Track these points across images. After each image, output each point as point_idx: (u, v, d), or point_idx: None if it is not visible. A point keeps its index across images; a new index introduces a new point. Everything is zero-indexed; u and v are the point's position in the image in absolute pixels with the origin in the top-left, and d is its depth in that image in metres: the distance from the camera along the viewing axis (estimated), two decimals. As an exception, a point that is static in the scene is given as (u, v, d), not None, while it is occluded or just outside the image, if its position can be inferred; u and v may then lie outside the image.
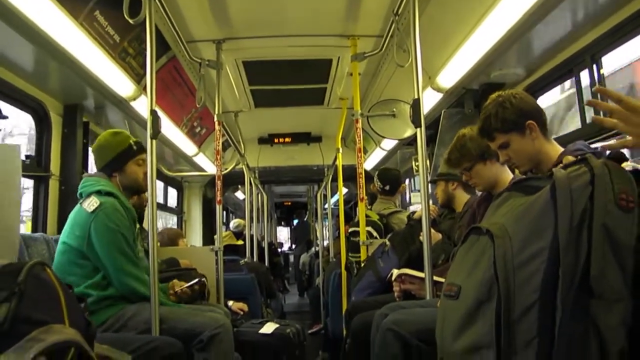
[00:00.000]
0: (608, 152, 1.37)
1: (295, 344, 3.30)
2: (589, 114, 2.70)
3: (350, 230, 3.84)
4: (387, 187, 4.08)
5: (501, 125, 1.93)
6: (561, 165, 1.32)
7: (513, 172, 2.42)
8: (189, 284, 2.60)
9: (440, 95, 3.61)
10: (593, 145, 2.17)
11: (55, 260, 2.32)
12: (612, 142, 1.35)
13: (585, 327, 1.12)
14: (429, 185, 2.81)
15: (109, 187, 2.38)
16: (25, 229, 3.53)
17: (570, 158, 1.37)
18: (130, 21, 2.18)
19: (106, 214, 2.25)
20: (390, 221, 3.87)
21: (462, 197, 2.95)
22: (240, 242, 5.66)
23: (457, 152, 2.46)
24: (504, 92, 1.98)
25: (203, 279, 2.73)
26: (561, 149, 1.89)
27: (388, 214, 3.93)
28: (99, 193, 2.33)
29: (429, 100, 3.69)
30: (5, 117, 2.83)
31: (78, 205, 2.35)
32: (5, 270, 1.24)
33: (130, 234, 2.33)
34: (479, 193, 2.74)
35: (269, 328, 3.29)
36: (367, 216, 3.75)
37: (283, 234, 19.33)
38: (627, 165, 1.26)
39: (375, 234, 3.64)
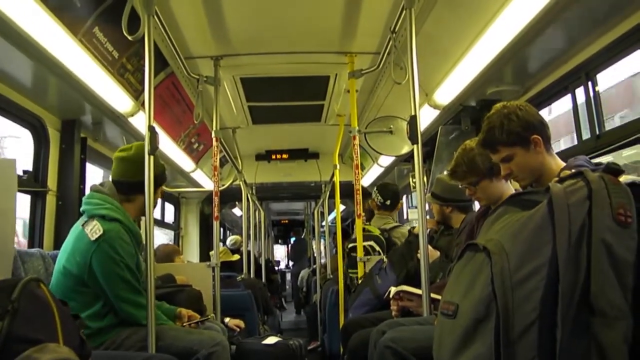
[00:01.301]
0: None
1: (297, 356, 3.31)
2: (585, 130, 2.71)
3: (349, 245, 3.82)
4: (388, 202, 4.01)
5: (506, 138, 1.86)
6: (556, 179, 1.31)
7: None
8: (199, 320, 2.59)
9: (437, 112, 3.63)
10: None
11: (54, 280, 2.27)
12: None
13: (587, 345, 1.11)
14: (426, 202, 2.79)
15: (115, 211, 2.28)
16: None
17: (567, 172, 1.36)
18: (129, 37, 2.19)
19: (110, 245, 2.17)
20: (392, 235, 3.84)
21: (458, 217, 2.92)
22: (236, 257, 5.64)
23: (465, 165, 2.36)
24: (508, 104, 1.91)
25: (212, 315, 2.78)
26: (563, 164, 1.86)
27: (390, 228, 3.90)
28: (102, 218, 2.24)
29: (426, 117, 3.70)
30: None
31: (80, 228, 2.24)
32: (-1, 287, 1.23)
33: (133, 261, 2.26)
34: (477, 208, 2.73)
35: (271, 340, 3.33)
36: (368, 231, 3.75)
37: (280, 252, 19.25)
38: (627, 178, 1.26)
39: (377, 248, 3.63)
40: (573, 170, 1.31)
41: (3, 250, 1.56)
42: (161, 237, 6.93)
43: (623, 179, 1.25)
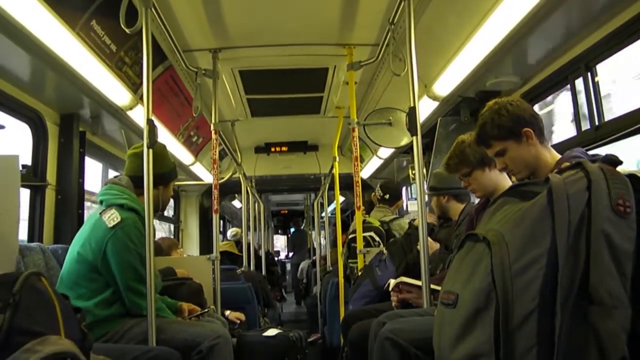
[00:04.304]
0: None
1: (298, 347, 3.32)
2: (585, 121, 2.71)
3: (350, 236, 3.85)
4: (387, 196, 4.17)
5: (497, 133, 1.91)
6: (556, 170, 1.32)
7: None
8: (200, 312, 2.61)
9: (436, 104, 3.62)
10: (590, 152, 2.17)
11: (66, 267, 2.29)
12: None
13: (585, 334, 1.12)
14: (426, 194, 2.80)
15: (133, 201, 2.33)
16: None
17: (566, 163, 1.37)
18: (127, 31, 2.18)
19: (125, 232, 2.21)
20: (392, 227, 3.90)
21: (456, 207, 2.93)
22: (240, 254, 5.65)
23: (456, 157, 2.43)
24: (500, 100, 1.96)
25: (212, 307, 2.82)
26: (558, 156, 1.88)
27: (389, 220, 3.97)
28: (121, 207, 2.28)
29: (425, 108, 3.70)
30: (1, 127, 2.82)
31: (97, 215, 2.28)
32: (0, 281, 1.23)
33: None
34: (476, 200, 2.73)
35: (272, 332, 3.34)
36: (368, 222, 3.78)
37: (280, 242, 19.30)
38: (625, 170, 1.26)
39: (377, 239, 3.67)
40: (572, 162, 1.32)
41: (7, 245, 1.57)
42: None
43: (622, 169, 1.26)
